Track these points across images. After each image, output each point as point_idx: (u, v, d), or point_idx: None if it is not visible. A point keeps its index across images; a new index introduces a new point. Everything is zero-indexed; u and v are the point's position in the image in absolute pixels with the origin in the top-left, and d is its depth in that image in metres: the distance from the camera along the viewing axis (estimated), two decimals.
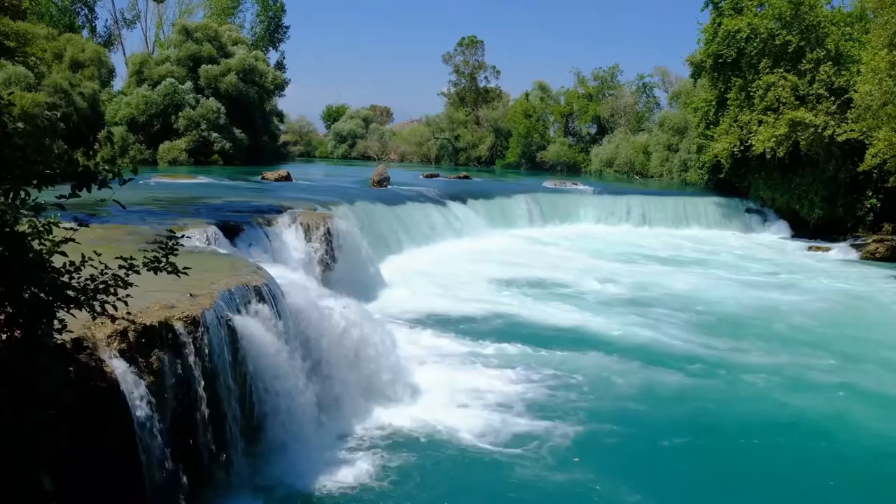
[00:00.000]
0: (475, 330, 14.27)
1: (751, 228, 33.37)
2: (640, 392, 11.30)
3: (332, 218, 16.67)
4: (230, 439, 7.32)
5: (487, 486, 8.26)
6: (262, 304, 8.32)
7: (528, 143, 64.49)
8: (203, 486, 6.88)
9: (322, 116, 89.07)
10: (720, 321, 16.12)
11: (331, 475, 8.01)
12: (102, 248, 5.62)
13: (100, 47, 53.05)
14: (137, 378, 6.06)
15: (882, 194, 29.70)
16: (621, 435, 9.67)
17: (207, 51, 48.93)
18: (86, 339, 5.78)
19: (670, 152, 50.05)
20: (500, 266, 21.33)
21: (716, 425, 10.27)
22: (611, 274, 21.11)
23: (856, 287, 21.30)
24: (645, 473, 8.73)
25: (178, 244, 5.66)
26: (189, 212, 15.58)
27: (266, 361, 7.88)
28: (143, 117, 45.75)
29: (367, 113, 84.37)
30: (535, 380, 11.51)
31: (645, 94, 64.90)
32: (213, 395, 7.08)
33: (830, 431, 10.17)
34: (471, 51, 71.30)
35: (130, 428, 5.89)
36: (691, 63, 37.10)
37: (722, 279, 21.44)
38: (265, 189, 26.68)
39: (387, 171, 32.77)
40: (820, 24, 30.59)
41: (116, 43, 63.24)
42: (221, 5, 65.12)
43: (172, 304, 6.95)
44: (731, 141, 32.38)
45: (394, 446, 8.92)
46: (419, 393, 10.43)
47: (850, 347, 14.33)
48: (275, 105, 56.78)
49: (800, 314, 17.06)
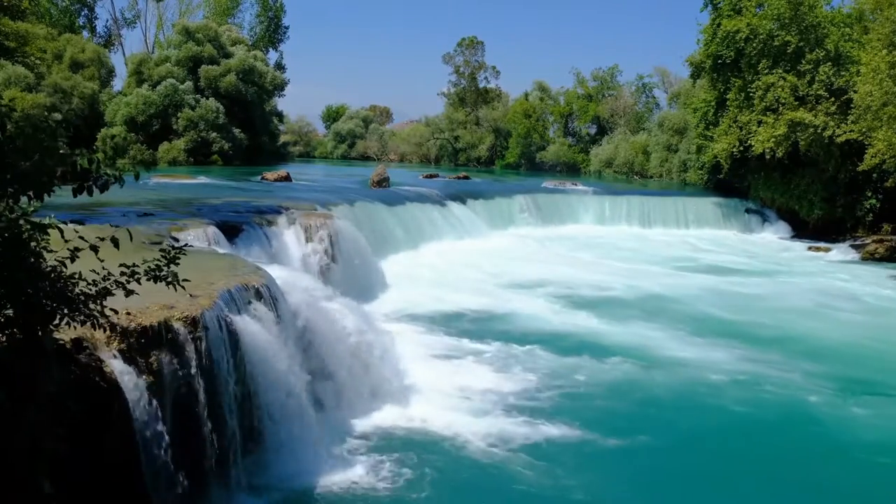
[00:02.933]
0: (475, 330, 14.27)
1: (750, 229, 33.36)
2: (640, 392, 11.31)
3: (332, 218, 16.67)
4: (229, 439, 7.33)
5: (487, 486, 8.26)
6: (261, 304, 8.33)
7: (528, 143, 64.50)
8: (203, 486, 6.89)
9: (322, 116, 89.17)
10: (713, 321, 16.11)
11: (330, 475, 8.02)
12: (102, 247, 5.60)
13: (100, 48, 53.08)
14: (137, 378, 6.06)
15: (881, 195, 29.69)
16: (622, 436, 9.65)
17: (207, 51, 48.94)
18: (85, 339, 5.78)
19: (670, 153, 50.08)
20: (499, 266, 21.32)
21: (709, 427, 10.31)
22: (611, 274, 21.11)
23: (855, 287, 21.30)
24: (645, 474, 8.75)
25: (180, 253, 5.49)
26: (188, 212, 15.57)
27: (265, 361, 7.88)
28: (143, 117, 45.75)
29: (366, 113, 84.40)
30: (535, 380, 11.51)
31: (644, 94, 64.95)
32: (213, 395, 7.09)
33: (831, 429, 10.21)
34: (471, 51, 71.30)
35: (130, 428, 5.90)
36: (691, 63, 37.14)
37: (721, 280, 21.44)
38: (265, 189, 26.67)
39: (386, 172, 32.77)
40: (819, 25, 30.59)
41: (116, 43, 63.30)
42: (221, 5, 65.10)
43: (172, 304, 6.95)
44: (731, 141, 32.39)
45: (393, 446, 8.93)
46: (418, 393, 10.43)
47: (852, 348, 14.33)
48: (274, 105, 56.79)
49: (800, 314, 17.07)
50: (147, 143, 45.53)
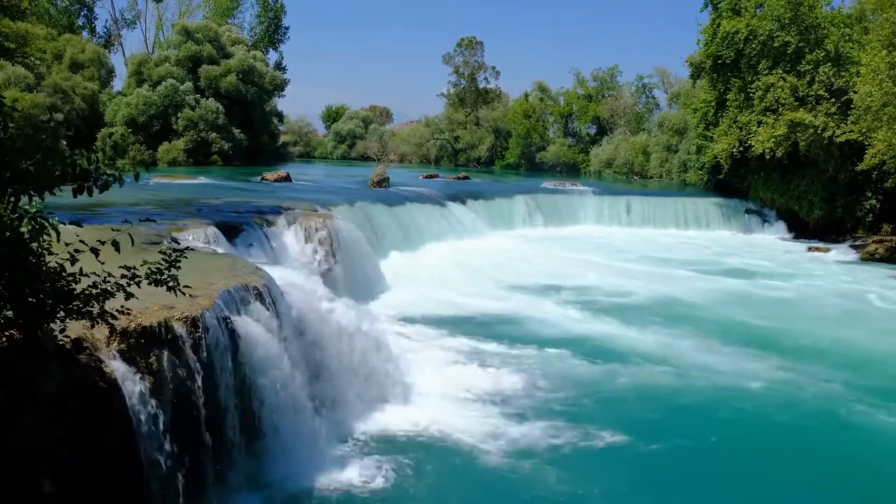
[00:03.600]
0: (475, 330, 14.25)
1: (750, 229, 33.37)
2: (641, 393, 11.28)
3: (332, 218, 16.67)
4: (229, 439, 7.33)
5: (486, 487, 8.26)
6: (261, 304, 8.33)
7: (528, 143, 64.52)
8: (203, 486, 6.89)
9: (321, 117, 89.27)
10: (712, 322, 16.09)
11: (330, 475, 8.02)
12: (102, 248, 5.60)
13: (99, 48, 53.06)
14: (137, 378, 6.06)
15: (881, 195, 29.68)
16: (622, 436, 9.64)
17: (207, 51, 48.93)
18: (85, 339, 5.78)
19: (670, 153, 50.09)
20: (499, 267, 21.33)
21: (710, 428, 10.26)
22: (611, 274, 21.10)
23: (854, 287, 21.29)
24: (645, 475, 8.74)
25: (181, 257, 5.54)
26: (188, 212, 15.57)
27: (265, 362, 7.88)
28: (143, 118, 45.72)
29: (366, 113, 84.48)
30: (535, 381, 11.48)
31: (644, 94, 65.00)
32: (213, 395, 7.09)
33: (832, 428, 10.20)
34: (470, 51, 71.35)
35: (130, 428, 5.90)
36: (691, 64, 37.16)
37: (719, 280, 21.44)
38: (265, 189, 26.67)
39: (386, 172, 32.76)
40: (819, 25, 30.59)
41: (116, 43, 63.28)
42: (221, 6, 65.07)
43: (172, 304, 6.94)
44: (731, 142, 32.40)
45: (393, 447, 8.92)
46: (418, 394, 10.43)
47: (854, 351, 14.31)
48: (274, 105, 56.78)
49: (799, 315, 17.06)
50: (147, 143, 45.51)
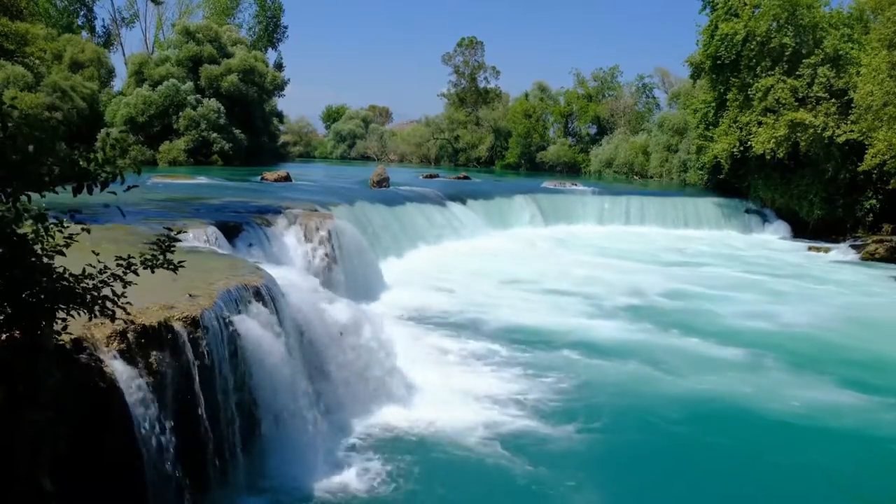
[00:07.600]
0: (475, 330, 14.24)
1: (750, 229, 33.39)
2: (642, 394, 11.27)
3: (332, 218, 16.65)
4: (230, 439, 7.31)
5: (486, 487, 8.24)
6: (261, 304, 8.31)
7: (528, 143, 64.56)
8: (203, 486, 6.87)
9: (321, 117, 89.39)
10: (713, 322, 16.09)
11: (330, 475, 8.01)
12: (102, 248, 5.61)
13: (99, 48, 53.08)
14: (137, 378, 6.05)
15: (881, 195, 29.71)
16: (622, 437, 9.66)
17: (208, 51, 48.95)
18: (85, 339, 5.77)
19: (670, 153, 50.12)
20: (500, 266, 21.32)
21: (710, 428, 10.26)
22: (611, 274, 21.08)
23: (854, 287, 21.30)
24: (645, 476, 8.73)
25: (175, 240, 5.55)
26: (188, 212, 15.56)
27: (265, 361, 7.86)
28: (143, 118, 45.72)
29: (366, 113, 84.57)
30: (536, 381, 11.48)
31: (644, 94, 65.07)
32: (213, 395, 7.07)
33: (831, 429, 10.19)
34: (470, 51, 71.44)
35: (130, 428, 5.89)
36: (690, 64, 37.19)
37: (719, 280, 21.43)
38: (265, 189, 26.64)
39: (386, 172, 32.75)
40: (817, 26, 30.59)
41: (116, 43, 63.31)
42: (221, 5, 65.10)
43: (172, 304, 6.94)
44: (731, 142, 32.41)
45: (393, 447, 8.90)
46: (419, 393, 10.41)
47: (854, 351, 14.31)
48: (274, 105, 56.82)
49: (799, 314, 17.06)
50: (147, 143, 45.52)
